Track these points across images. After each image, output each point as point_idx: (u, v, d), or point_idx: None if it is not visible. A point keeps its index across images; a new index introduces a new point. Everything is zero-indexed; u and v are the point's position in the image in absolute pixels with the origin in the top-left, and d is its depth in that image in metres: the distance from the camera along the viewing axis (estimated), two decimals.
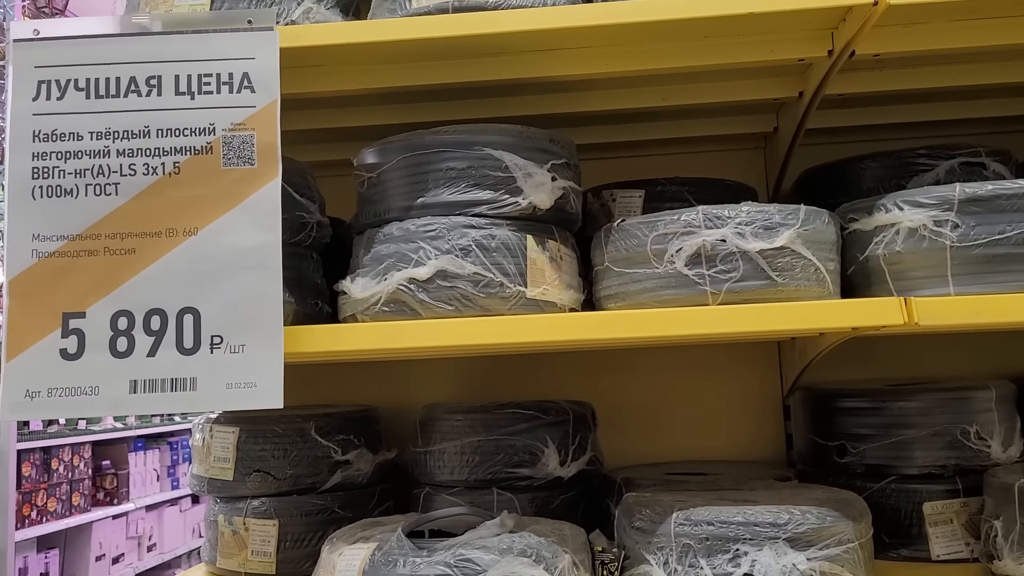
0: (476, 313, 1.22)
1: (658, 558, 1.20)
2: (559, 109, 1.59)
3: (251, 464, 1.55)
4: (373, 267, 1.27)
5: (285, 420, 1.58)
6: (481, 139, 1.28)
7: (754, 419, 1.92)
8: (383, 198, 1.32)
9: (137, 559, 5.68)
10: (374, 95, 1.49)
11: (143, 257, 1.08)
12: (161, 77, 1.11)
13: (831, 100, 1.58)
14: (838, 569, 1.16)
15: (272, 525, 1.52)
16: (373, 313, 1.25)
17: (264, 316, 1.09)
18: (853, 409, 1.58)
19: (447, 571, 1.12)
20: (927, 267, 1.20)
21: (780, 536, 1.15)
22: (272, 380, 1.08)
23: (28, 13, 4.33)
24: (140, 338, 1.07)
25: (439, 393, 1.92)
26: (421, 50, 1.33)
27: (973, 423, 1.48)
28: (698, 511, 1.20)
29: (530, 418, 1.59)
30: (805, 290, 1.20)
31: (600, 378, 1.92)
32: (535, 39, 1.34)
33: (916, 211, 1.20)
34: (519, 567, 1.14)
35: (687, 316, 1.17)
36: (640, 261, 1.23)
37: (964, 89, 1.60)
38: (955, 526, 1.46)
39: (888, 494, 1.50)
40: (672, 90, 1.60)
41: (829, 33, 1.38)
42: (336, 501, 1.57)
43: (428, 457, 1.62)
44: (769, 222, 1.19)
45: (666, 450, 1.90)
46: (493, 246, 1.24)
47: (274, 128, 1.13)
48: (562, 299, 1.28)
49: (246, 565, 1.53)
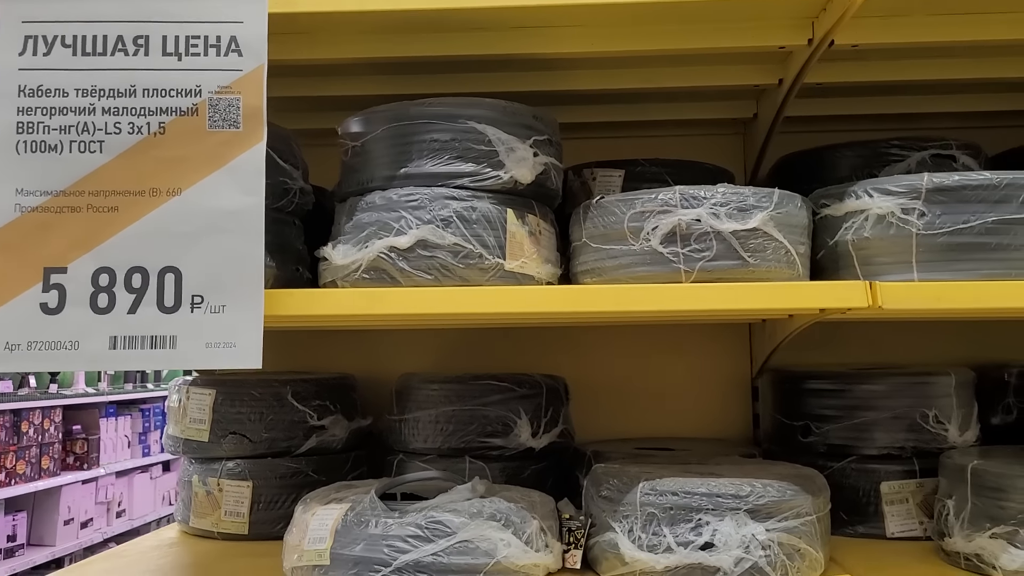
0: (455, 283, 1.24)
1: (623, 526, 1.24)
2: (544, 87, 1.60)
3: (227, 426, 1.57)
4: (355, 235, 1.28)
5: (262, 384, 1.59)
6: (465, 112, 1.30)
7: (723, 399, 1.96)
8: (366, 167, 1.34)
9: (106, 524, 5.68)
10: (361, 65, 1.50)
11: (126, 215, 1.09)
12: (148, 37, 1.12)
13: (810, 89, 1.61)
14: (795, 540, 1.20)
15: (246, 486, 1.54)
16: (353, 280, 1.26)
17: (245, 278, 1.10)
18: (818, 391, 1.62)
19: (418, 532, 1.15)
20: (893, 253, 1.23)
21: (741, 507, 1.19)
22: (251, 341, 1.10)
23: None
24: (121, 295, 1.08)
25: (416, 363, 1.94)
26: (410, 21, 1.34)
27: (932, 407, 1.53)
28: (663, 482, 1.23)
29: (504, 390, 1.62)
30: (776, 271, 1.23)
31: (575, 354, 1.96)
32: (523, 15, 1.35)
33: (885, 199, 1.24)
34: (488, 530, 1.17)
35: (660, 292, 1.20)
36: (617, 238, 1.26)
37: (939, 83, 1.64)
38: (910, 505, 1.51)
39: (848, 473, 1.55)
40: (655, 72, 1.63)
41: (810, 22, 1.41)
42: (310, 465, 1.60)
43: (403, 425, 1.65)
44: (743, 204, 1.22)
45: (637, 426, 1.94)
46: (474, 218, 1.26)
47: (260, 92, 1.14)
48: (540, 273, 1.31)
49: (219, 525, 1.55)
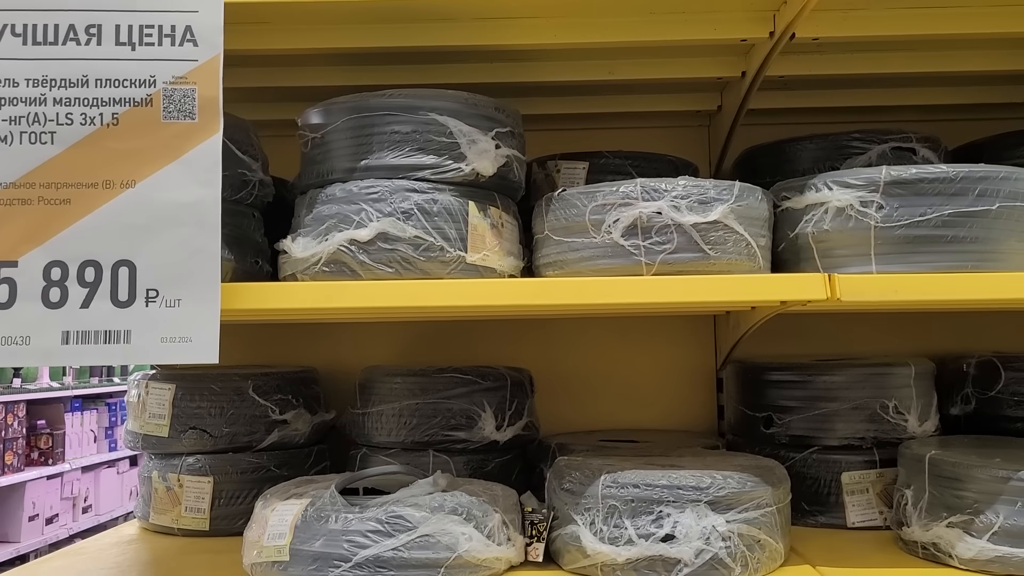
0: (416, 276, 1.23)
1: (585, 519, 1.24)
2: (506, 78, 1.60)
3: (187, 421, 1.55)
4: (314, 227, 1.27)
5: (222, 378, 1.58)
6: (427, 104, 1.29)
7: (688, 390, 1.97)
8: (326, 159, 1.32)
9: (72, 520, 5.61)
10: (321, 55, 1.48)
11: (78, 208, 1.07)
12: (101, 26, 1.10)
13: (772, 82, 1.62)
14: (755, 531, 1.21)
15: (207, 482, 1.53)
16: (313, 273, 1.25)
17: (201, 271, 1.09)
18: (780, 382, 1.63)
19: (378, 527, 1.15)
20: (852, 246, 1.25)
21: (701, 499, 1.20)
22: (208, 335, 1.08)
23: None
24: (74, 289, 1.06)
25: (379, 357, 1.93)
26: (370, 12, 1.33)
27: (892, 398, 1.55)
28: (625, 474, 1.23)
29: (468, 383, 1.62)
30: (736, 264, 1.24)
31: (539, 346, 1.96)
32: (485, 6, 1.35)
33: (844, 191, 1.25)
34: (449, 524, 1.17)
35: (621, 285, 1.20)
36: (579, 230, 1.26)
37: (899, 76, 1.65)
38: (871, 495, 1.53)
39: (810, 464, 1.56)
40: (619, 64, 1.62)
41: (771, 15, 1.41)
42: (272, 460, 1.58)
43: (366, 419, 1.64)
44: (704, 197, 1.22)
45: (601, 418, 1.94)
46: (435, 211, 1.25)
47: (216, 83, 1.12)
48: (502, 265, 1.30)
49: (179, 521, 1.53)
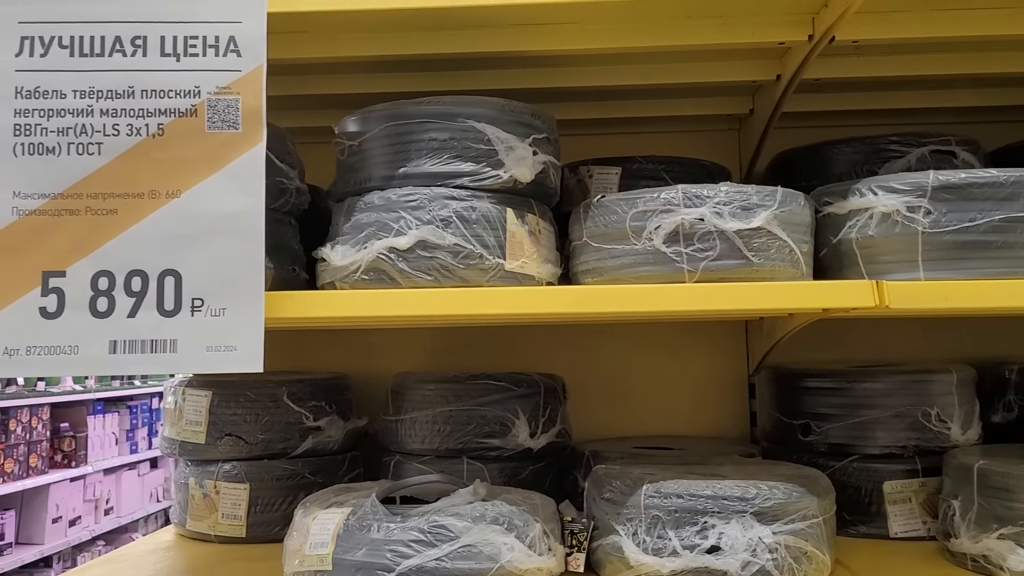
0: (455, 284, 1.23)
1: (627, 529, 1.23)
2: (540, 84, 1.59)
3: (223, 428, 1.56)
4: (353, 235, 1.27)
5: (258, 385, 1.58)
6: (464, 111, 1.28)
7: (720, 396, 1.96)
8: (364, 167, 1.32)
9: (94, 522, 5.64)
10: (357, 63, 1.48)
11: (125, 218, 1.07)
12: (147, 38, 1.10)
13: (808, 84, 1.60)
14: (802, 543, 1.20)
15: (243, 489, 1.53)
16: (352, 281, 1.25)
17: (246, 280, 1.09)
18: (818, 389, 1.62)
19: (420, 536, 1.14)
20: (898, 252, 1.23)
21: (747, 510, 1.18)
22: (252, 344, 1.08)
23: None
24: (120, 298, 1.06)
25: (410, 363, 1.93)
26: (408, 20, 1.32)
27: (934, 406, 1.53)
28: (667, 484, 1.22)
29: (502, 390, 1.61)
30: (779, 271, 1.23)
31: (571, 352, 1.95)
32: (520, 13, 1.34)
33: (890, 196, 1.23)
34: (491, 534, 1.16)
35: (664, 293, 1.19)
36: (618, 237, 1.25)
37: (938, 78, 1.63)
38: (913, 505, 1.51)
39: (850, 473, 1.55)
40: (652, 69, 1.61)
41: (810, 18, 1.40)
42: (307, 467, 1.59)
43: (399, 425, 1.64)
44: (747, 203, 1.21)
45: (633, 424, 1.93)
46: (473, 218, 1.25)
47: (260, 93, 1.12)
48: (540, 272, 1.30)
49: (216, 528, 1.53)
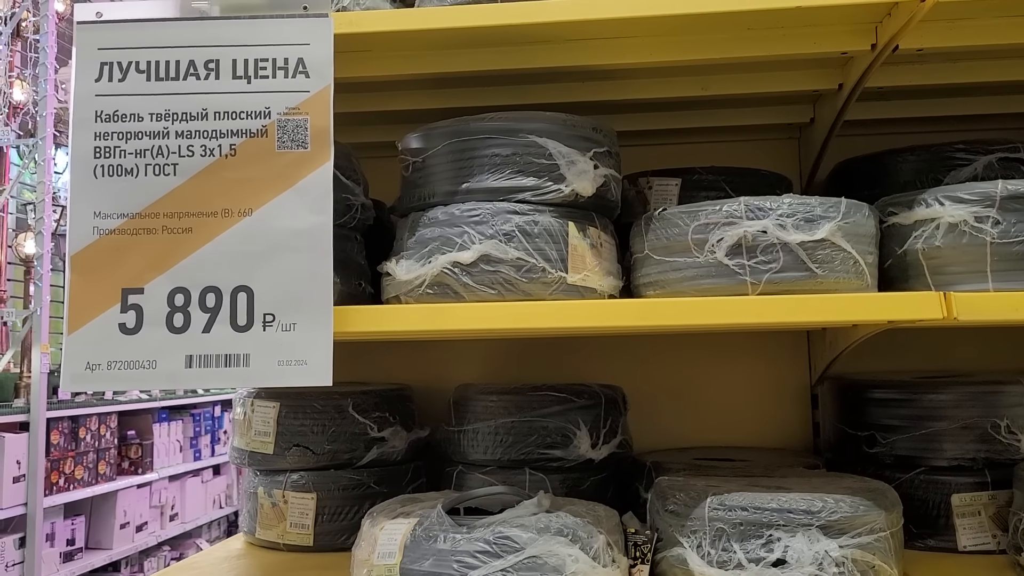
0: (518, 297, 1.24)
1: (691, 541, 1.23)
2: (599, 97, 1.60)
3: (291, 439, 1.59)
4: (418, 250, 1.29)
5: (324, 396, 1.61)
6: (525, 126, 1.30)
7: (782, 407, 1.94)
8: (428, 182, 1.35)
9: (160, 527, 5.78)
10: (419, 80, 1.51)
11: (199, 236, 1.11)
12: (219, 61, 1.14)
13: (870, 92, 1.59)
14: (870, 557, 1.18)
15: (310, 498, 1.56)
16: (417, 295, 1.27)
17: (315, 296, 1.12)
18: (884, 400, 1.59)
19: (486, 547, 1.16)
20: (966, 262, 1.21)
21: (813, 523, 1.17)
22: (322, 358, 1.11)
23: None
24: (196, 314, 1.10)
25: (471, 373, 1.95)
26: (467, 38, 1.35)
27: (1004, 417, 1.49)
28: (732, 496, 1.22)
29: (563, 401, 1.62)
30: (844, 282, 1.21)
31: (630, 362, 1.95)
32: (579, 28, 1.35)
33: (957, 207, 1.21)
34: (556, 546, 1.17)
35: (727, 305, 1.19)
36: (680, 250, 1.25)
37: (1003, 84, 1.60)
38: (983, 518, 1.47)
39: (916, 485, 1.52)
40: (712, 80, 1.61)
41: (873, 27, 1.38)
42: (372, 476, 1.61)
43: (461, 436, 1.66)
44: (810, 214, 1.20)
45: (694, 435, 1.92)
46: (536, 232, 1.26)
47: (327, 113, 1.16)
48: (602, 285, 1.30)
49: (285, 536, 1.57)
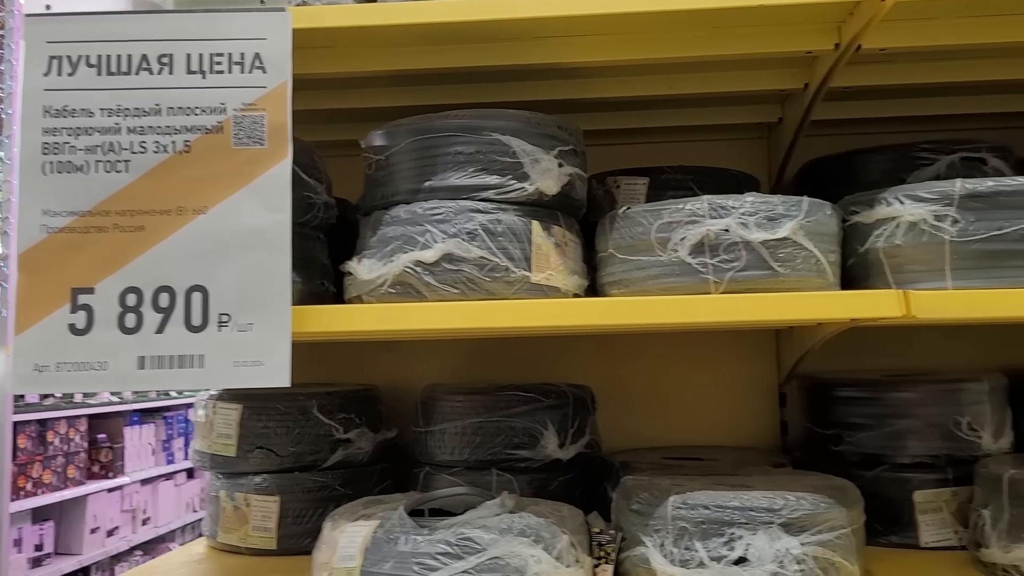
0: (481, 296, 1.23)
1: (655, 540, 1.22)
2: (566, 95, 1.59)
3: (253, 441, 1.57)
4: (379, 249, 1.28)
5: (288, 398, 1.59)
6: (489, 124, 1.29)
7: (750, 406, 1.94)
8: (391, 181, 1.33)
9: (132, 532, 5.71)
10: (385, 77, 1.49)
11: (152, 235, 1.09)
12: (173, 55, 1.12)
13: (836, 92, 1.59)
14: (830, 554, 1.18)
15: (273, 501, 1.54)
16: (379, 295, 1.26)
17: (272, 295, 1.10)
18: (849, 398, 1.60)
19: (448, 549, 1.14)
20: (926, 261, 1.21)
21: (775, 521, 1.17)
22: (279, 358, 1.10)
23: None
24: (148, 315, 1.08)
25: (440, 374, 1.94)
26: (432, 34, 1.33)
27: (965, 414, 1.51)
28: (695, 495, 1.22)
29: (530, 400, 1.61)
30: (806, 281, 1.21)
31: (600, 362, 1.94)
32: (545, 26, 1.34)
33: (916, 205, 1.21)
34: (518, 546, 1.16)
35: (690, 304, 1.19)
36: (644, 249, 1.25)
37: (968, 84, 1.61)
38: (944, 514, 1.48)
39: (881, 482, 1.52)
40: (678, 79, 1.61)
41: (837, 27, 1.39)
42: (337, 479, 1.59)
43: (428, 437, 1.64)
44: (772, 213, 1.20)
45: (663, 434, 1.92)
46: (499, 231, 1.25)
47: (285, 109, 1.14)
48: (566, 284, 1.30)
49: (247, 540, 1.55)
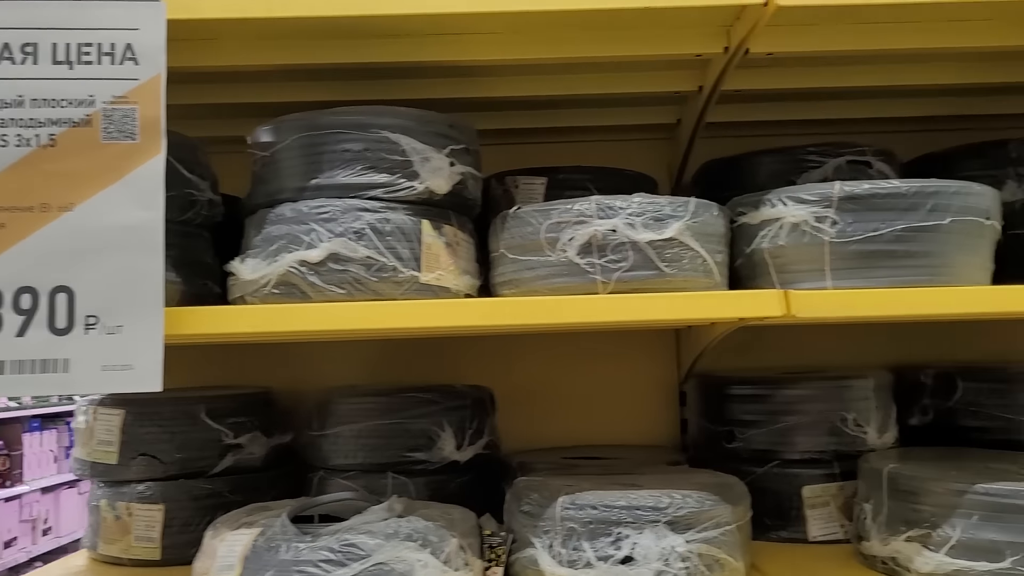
0: (368, 297, 1.21)
1: (544, 541, 1.22)
2: (462, 94, 1.58)
3: (137, 447, 1.51)
4: (264, 248, 1.24)
5: (174, 402, 1.54)
6: (378, 122, 1.26)
7: (652, 404, 1.96)
8: (276, 178, 1.30)
9: (31, 543, 5.47)
10: (273, 72, 1.45)
11: (13, 233, 1.03)
12: (37, 44, 1.06)
13: (729, 95, 1.61)
14: (715, 551, 1.20)
15: (157, 510, 1.48)
16: (263, 295, 1.22)
17: (143, 296, 1.06)
18: (741, 396, 1.63)
19: (330, 556, 1.12)
20: (807, 261, 1.24)
21: (660, 520, 1.18)
22: (150, 362, 1.05)
23: None
24: (8, 317, 1.02)
25: (342, 375, 1.90)
26: (319, 28, 1.30)
27: (851, 410, 1.55)
28: (583, 495, 1.22)
29: (428, 402, 1.60)
30: (693, 280, 1.23)
31: (503, 363, 1.93)
32: (434, 23, 1.32)
33: (798, 207, 1.24)
34: (404, 551, 1.14)
35: (576, 304, 1.19)
36: (534, 249, 1.24)
37: (854, 89, 1.66)
38: (831, 508, 1.52)
39: (771, 478, 1.55)
40: (576, 79, 1.61)
41: (726, 30, 1.40)
42: (227, 485, 1.54)
43: (323, 441, 1.61)
44: (659, 214, 1.21)
45: (566, 434, 1.93)
46: (387, 230, 1.23)
47: (158, 102, 1.09)
48: (457, 285, 1.28)
49: (129, 551, 1.49)
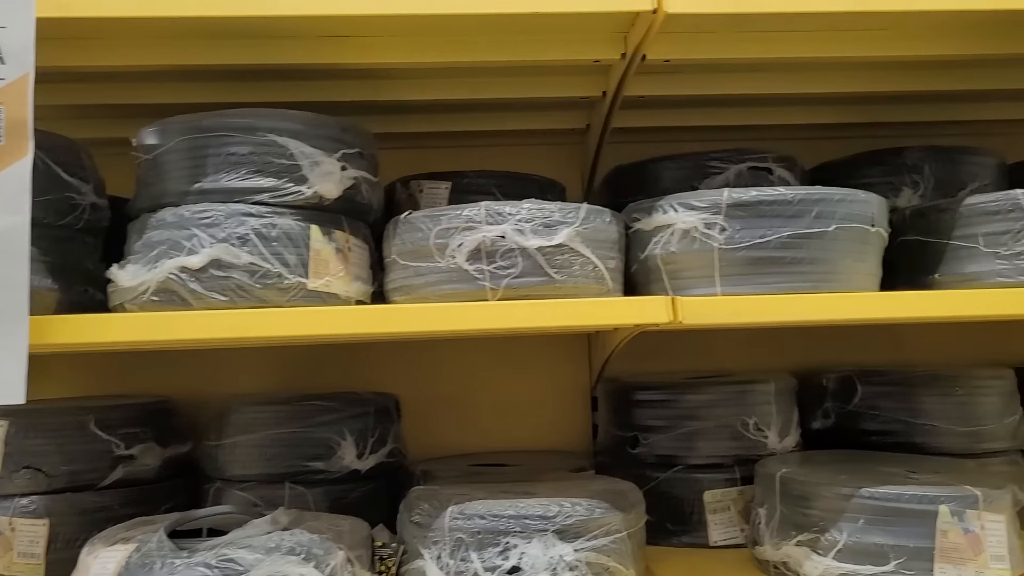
0: (251, 305, 1.17)
1: (432, 552, 1.20)
2: (364, 97, 1.55)
3: (20, 460, 1.45)
4: (144, 254, 1.20)
5: (61, 413, 1.48)
6: (265, 125, 1.23)
7: (564, 410, 1.96)
8: (160, 182, 1.26)
9: None
10: (160, 72, 1.41)
11: None
12: None
13: (633, 101, 1.62)
14: (604, 559, 1.19)
15: (42, 525, 1.43)
16: (142, 302, 1.18)
17: (5, 305, 1.01)
18: (646, 401, 1.63)
19: (207, 572, 1.08)
20: (698, 268, 1.25)
21: (549, 528, 1.17)
22: (13, 373, 1.00)
23: None
24: None
25: (247, 383, 1.86)
26: (202, 29, 1.27)
27: (752, 415, 1.56)
28: (472, 505, 1.20)
29: (328, 410, 1.57)
30: (584, 287, 1.22)
31: (411, 369, 1.91)
32: (328, 25, 1.29)
33: (689, 214, 1.25)
34: (285, 566, 1.11)
35: (465, 312, 1.17)
36: (424, 255, 1.23)
37: (756, 97, 1.68)
38: (732, 513, 1.53)
39: (674, 483, 1.56)
40: (479, 83, 1.59)
41: (622, 36, 1.41)
42: (117, 498, 1.49)
43: (220, 451, 1.57)
44: (549, 220, 1.20)
45: (476, 441, 1.91)
46: (273, 235, 1.20)
47: (25, 104, 1.05)
48: (347, 291, 1.26)
49: (11, 568, 1.43)
